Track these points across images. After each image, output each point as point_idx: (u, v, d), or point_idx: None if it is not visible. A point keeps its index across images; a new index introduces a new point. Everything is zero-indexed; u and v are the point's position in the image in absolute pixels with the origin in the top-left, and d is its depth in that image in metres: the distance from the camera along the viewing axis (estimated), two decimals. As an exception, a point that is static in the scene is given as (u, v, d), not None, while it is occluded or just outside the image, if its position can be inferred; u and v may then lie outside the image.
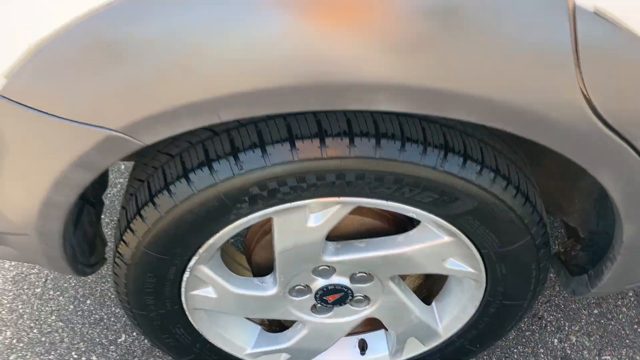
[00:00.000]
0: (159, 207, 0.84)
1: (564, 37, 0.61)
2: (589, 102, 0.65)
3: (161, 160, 0.85)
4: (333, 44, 0.61)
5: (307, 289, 1.02)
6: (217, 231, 0.88)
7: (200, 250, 0.91)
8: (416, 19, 0.60)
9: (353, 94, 0.64)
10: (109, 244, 1.37)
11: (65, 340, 1.40)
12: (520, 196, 0.87)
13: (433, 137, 0.79)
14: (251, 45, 0.61)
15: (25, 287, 1.51)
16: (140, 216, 0.86)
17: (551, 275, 1.49)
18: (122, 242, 0.91)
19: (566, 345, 1.40)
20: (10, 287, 1.51)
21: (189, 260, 0.93)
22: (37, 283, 1.51)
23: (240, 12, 0.61)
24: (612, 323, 1.44)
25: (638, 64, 0.64)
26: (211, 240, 0.89)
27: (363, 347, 1.25)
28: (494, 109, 0.66)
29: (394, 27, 0.61)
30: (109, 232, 1.60)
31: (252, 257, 1.05)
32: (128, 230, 0.89)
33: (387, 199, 0.84)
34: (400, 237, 0.95)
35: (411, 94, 0.64)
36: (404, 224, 1.01)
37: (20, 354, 1.38)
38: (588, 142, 0.69)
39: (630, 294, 1.49)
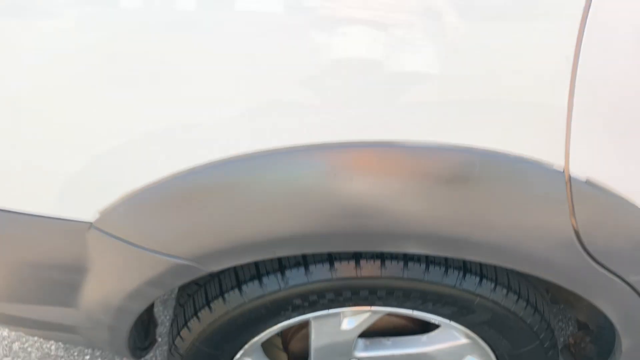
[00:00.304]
0: (214, 311, 0.98)
1: (563, 199, 0.74)
2: (582, 244, 0.77)
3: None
4: (370, 201, 0.75)
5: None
6: (262, 331, 1.01)
7: (246, 346, 1.04)
8: (435, 186, 0.74)
9: (387, 241, 0.78)
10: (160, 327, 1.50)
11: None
12: (529, 307, 0.98)
13: (453, 261, 0.92)
14: (305, 200, 0.75)
15: (75, 353, 1.64)
16: (197, 317, 1.00)
17: None
18: (179, 337, 1.04)
19: None
20: (62, 353, 1.64)
21: (235, 354, 1.06)
22: (86, 350, 1.65)
23: (299, 173, 0.75)
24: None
25: (624, 216, 0.77)
26: (256, 339, 1.02)
27: None
28: (503, 253, 0.79)
29: (419, 189, 0.74)
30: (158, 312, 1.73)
31: (289, 346, 1.17)
32: (185, 328, 1.02)
33: (413, 309, 0.96)
34: (424, 337, 1.07)
35: (434, 241, 0.78)
36: (428, 323, 1.13)
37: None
38: (583, 276, 0.81)
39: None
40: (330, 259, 0.91)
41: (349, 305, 0.96)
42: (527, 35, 0.66)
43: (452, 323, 0.99)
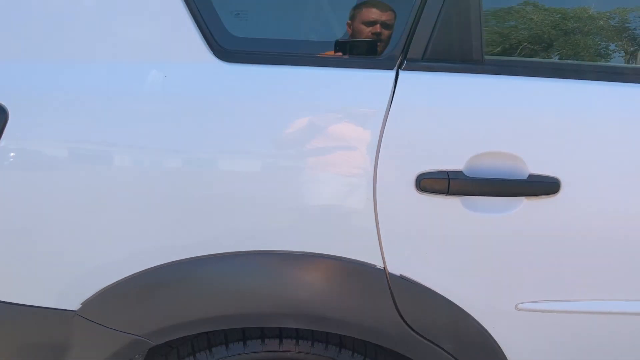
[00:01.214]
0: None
1: (386, 288, 1.14)
2: (404, 320, 1.16)
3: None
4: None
5: None
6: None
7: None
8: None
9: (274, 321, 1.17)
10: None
11: None
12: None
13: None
14: (239, 289, 1.15)
15: None
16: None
17: None
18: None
19: None
20: None
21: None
22: None
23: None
24: None
25: (430, 299, 1.16)
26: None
27: None
28: (351, 327, 1.18)
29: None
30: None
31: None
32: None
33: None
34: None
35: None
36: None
37: None
38: (410, 344, 1.19)
39: None
40: (263, 336, 1.27)
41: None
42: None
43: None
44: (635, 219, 1.12)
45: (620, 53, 1.33)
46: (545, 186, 1.08)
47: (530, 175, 1.09)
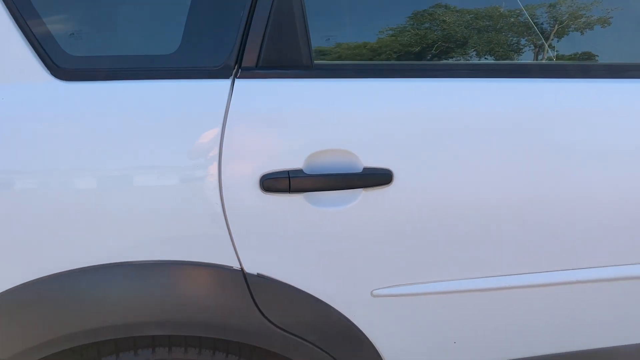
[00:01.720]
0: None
1: (245, 288, 1.20)
2: (265, 317, 1.22)
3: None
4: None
5: None
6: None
7: None
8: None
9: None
10: None
11: None
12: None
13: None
14: (101, 301, 1.17)
15: None
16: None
17: None
18: None
19: None
20: None
21: None
22: None
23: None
24: None
25: (288, 293, 1.22)
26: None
27: None
28: (216, 329, 1.22)
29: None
30: None
31: None
32: None
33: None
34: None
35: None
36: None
37: None
38: (274, 339, 1.25)
39: None
40: (153, 344, 1.29)
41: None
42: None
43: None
44: (465, 204, 1.22)
45: (530, 47, 1.44)
46: (378, 177, 1.16)
47: (365, 169, 1.17)
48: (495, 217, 1.24)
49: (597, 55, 1.44)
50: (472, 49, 1.37)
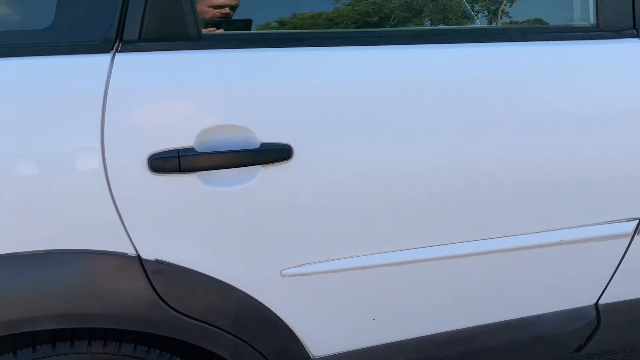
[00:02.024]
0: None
1: (141, 274, 1.13)
2: (167, 304, 1.16)
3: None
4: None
5: None
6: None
7: None
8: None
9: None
10: None
11: None
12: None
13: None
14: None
15: None
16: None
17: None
18: None
19: None
20: None
21: None
22: None
23: None
24: None
25: (189, 278, 1.16)
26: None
27: None
28: (120, 321, 1.16)
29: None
30: None
31: None
32: None
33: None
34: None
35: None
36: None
37: None
38: (179, 327, 1.19)
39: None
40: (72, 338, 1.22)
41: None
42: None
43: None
44: (372, 176, 1.17)
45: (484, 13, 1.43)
46: (277, 153, 1.10)
47: (262, 144, 1.10)
48: (404, 188, 1.20)
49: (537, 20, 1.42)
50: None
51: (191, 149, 1.08)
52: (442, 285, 1.34)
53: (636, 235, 1.39)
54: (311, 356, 1.33)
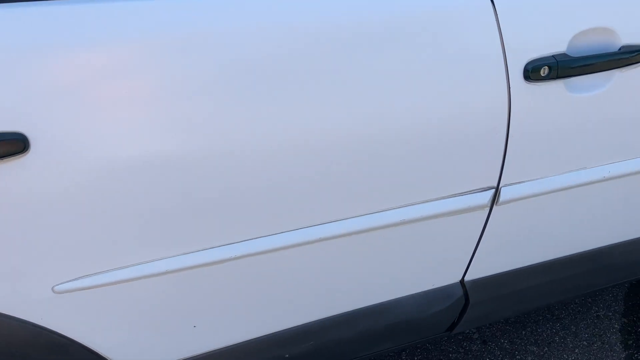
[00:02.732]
0: None
1: None
2: None
3: None
4: None
5: None
6: None
7: None
8: None
9: None
10: None
11: None
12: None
13: None
14: None
15: None
16: None
17: None
18: None
19: None
20: None
21: None
22: None
23: None
24: None
25: None
26: None
27: None
28: None
29: None
30: None
31: None
32: None
33: None
34: None
35: None
36: None
37: None
38: None
39: None
40: None
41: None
42: None
43: None
44: (135, 167, 0.93)
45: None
46: (7, 145, 0.85)
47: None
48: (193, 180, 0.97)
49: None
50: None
51: None
52: (277, 280, 1.14)
53: (495, 206, 1.21)
54: (124, 374, 1.12)
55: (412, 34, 1.02)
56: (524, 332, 1.89)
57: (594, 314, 1.96)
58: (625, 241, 1.43)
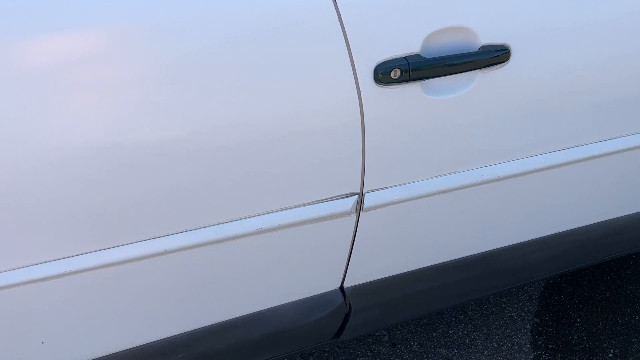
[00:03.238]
0: None
1: None
2: None
3: None
4: None
5: None
6: None
7: None
8: None
9: None
10: None
11: None
12: None
13: None
14: None
15: None
16: None
17: None
18: None
19: None
20: None
21: None
22: None
23: None
24: None
25: None
26: None
27: None
28: None
29: None
30: None
31: None
32: None
33: None
34: None
35: None
36: None
37: None
38: None
39: None
40: None
41: None
42: None
43: None
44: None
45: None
46: None
47: None
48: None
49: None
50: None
51: None
52: (132, 291, 1.09)
53: (362, 212, 1.17)
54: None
55: (249, 37, 0.97)
56: (434, 334, 1.87)
57: (507, 315, 1.94)
58: (511, 245, 1.40)
